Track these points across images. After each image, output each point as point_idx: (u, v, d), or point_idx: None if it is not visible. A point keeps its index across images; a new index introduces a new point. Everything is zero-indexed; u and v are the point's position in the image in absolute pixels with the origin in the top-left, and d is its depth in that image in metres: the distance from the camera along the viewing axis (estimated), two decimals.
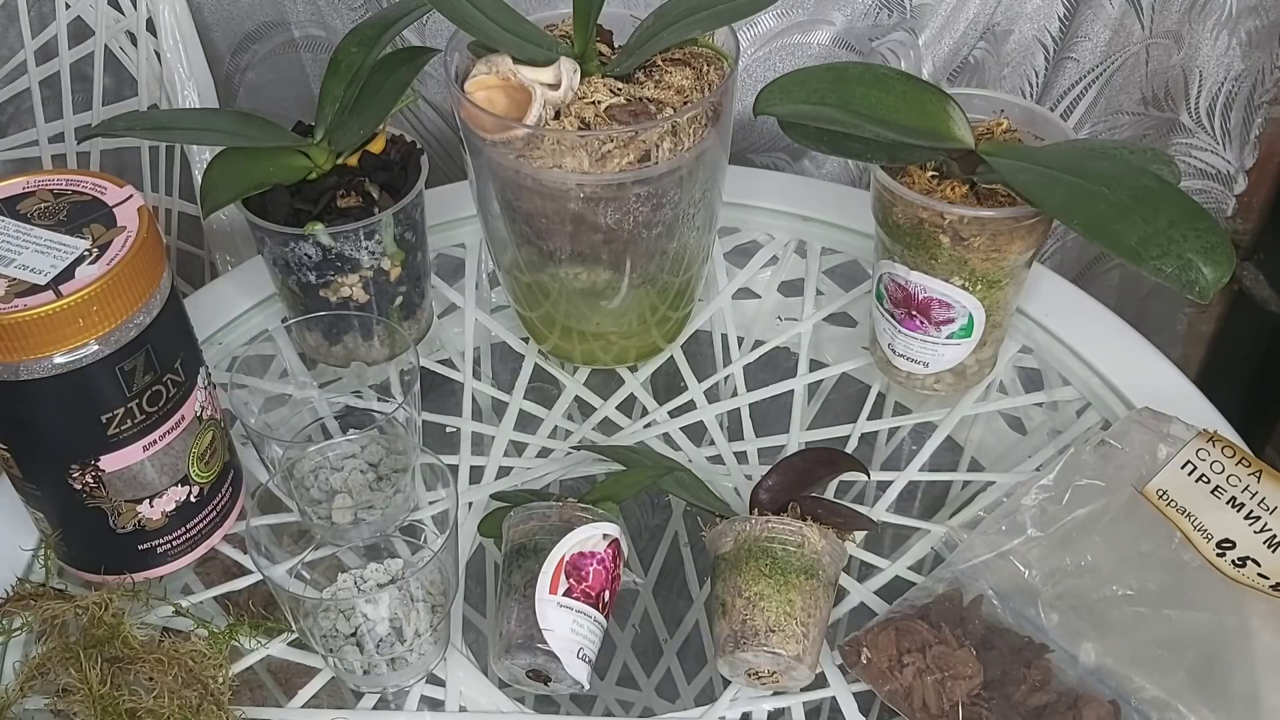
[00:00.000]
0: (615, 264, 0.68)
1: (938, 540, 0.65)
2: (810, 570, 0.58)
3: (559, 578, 0.57)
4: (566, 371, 0.77)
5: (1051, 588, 0.59)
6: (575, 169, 0.62)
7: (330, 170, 0.70)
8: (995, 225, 0.62)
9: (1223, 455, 0.62)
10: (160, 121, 0.77)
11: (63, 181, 0.58)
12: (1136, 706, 0.55)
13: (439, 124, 1.03)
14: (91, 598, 0.59)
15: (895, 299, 0.68)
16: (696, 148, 0.64)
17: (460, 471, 0.70)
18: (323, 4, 0.98)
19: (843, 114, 0.61)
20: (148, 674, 0.56)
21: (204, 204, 0.67)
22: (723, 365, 0.77)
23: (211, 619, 0.61)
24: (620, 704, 0.64)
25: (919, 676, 0.56)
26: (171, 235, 1.02)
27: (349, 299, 0.71)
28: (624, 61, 0.66)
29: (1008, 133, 0.67)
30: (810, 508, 0.60)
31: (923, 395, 0.73)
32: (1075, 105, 0.98)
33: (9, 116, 1.04)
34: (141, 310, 0.55)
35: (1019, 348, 0.76)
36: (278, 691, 0.61)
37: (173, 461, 0.60)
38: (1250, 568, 0.58)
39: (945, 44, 0.93)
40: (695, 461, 0.70)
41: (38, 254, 0.54)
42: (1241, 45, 0.95)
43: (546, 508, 0.60)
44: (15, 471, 0.58)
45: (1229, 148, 1.01)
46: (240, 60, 1.05)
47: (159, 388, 0.57)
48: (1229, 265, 0.55)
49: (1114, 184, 0.57)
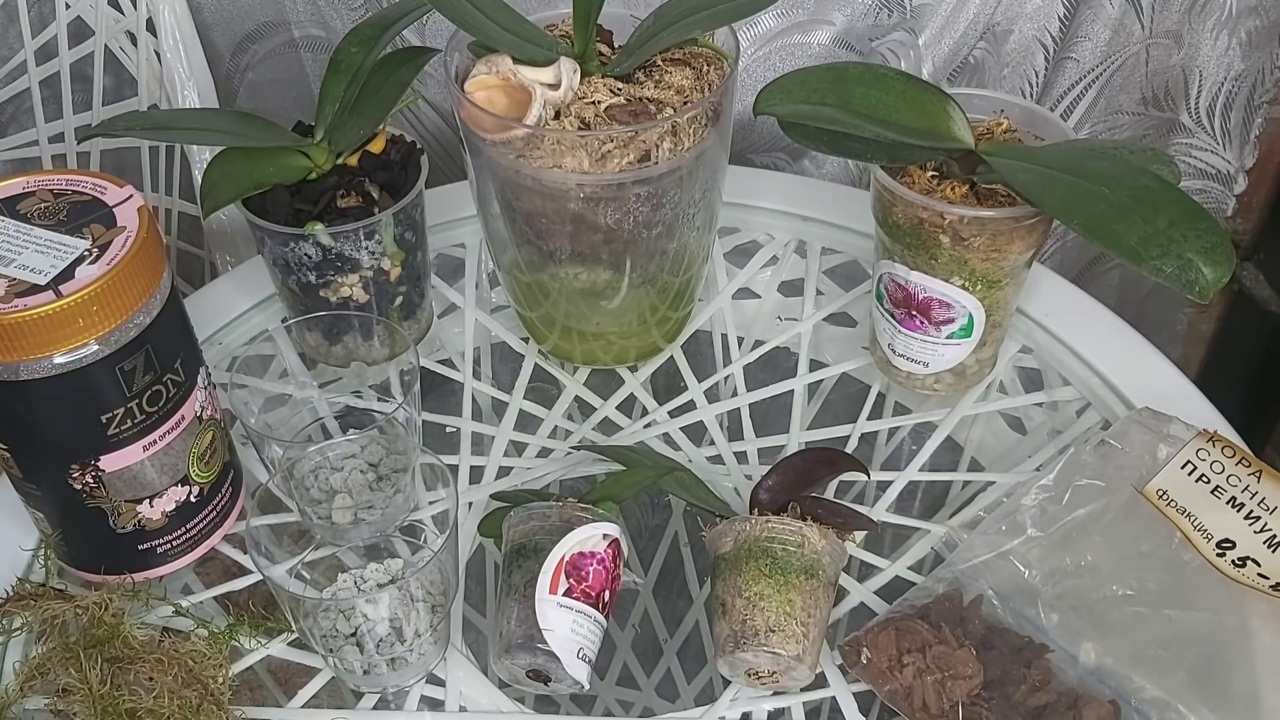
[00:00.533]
0: (615, 264, 0.68)
1: (938, 540, 0.65)
2: (810, 570, 0.58)
3: (559, 578, 0.57)
4: (566, 371, 0.77)
5: (1051, 588, 0.59)
6: (575, 169, 0.62)
7: (330, 170, 0.70)
8: (995, 225, 0.62)
9: (1223, 455, 0.62)
10: (160, 121, 0.77)
11: (63, 181, 0.58)
12: (1136, 706, 0.55)
13: (439, 124, 1.03)
14: (91, 598, 0.59)
15: (895, 299, 0.68)
16: (696, 148, 0.64)
17: (460, 471, 0.70)
18: (323, 4, 0.98)
19: (843, 114, 0.61)
20: (148, 674, 0.56)
21: (204, 204, 0.67)
22: (723, 365, 0.77)
23: (211, 619, 0.61)
24: (620, 704, 0.64)
25: (919, 676, 0.56)
26: (171, 235, 1.02)
27: (349, 299, 0.71)
28: (624, 61, 0.66)
29: (1008, 133, 0.67)
30: (810, 508, 0.61)
31: (923, 395, 0.73)
32: (1075, 105, 0.98)
33: (9, 116, 1.04)
34: (141, 310, 0.55)
35: (1019, 348, 0.76)
36: (278, 691, 0.61)
37: (173, 461, 0.60)
38: (1250, 568, 0.58)
39: (945, 44, 0.93)
40: (695, 461, 0.70)
41: (38, 254, 0.54)
42: (1241, 45, 0.95)
43: (546, 508, 0.60)
44: (15, 471, 0.58)
45: (1229, 148, 1.01)
46: (240, 60, 1.05)
47: (159, 388, 0.57)
48: (1229, 265, 0.55)
49: (1114, 184, 0.57)
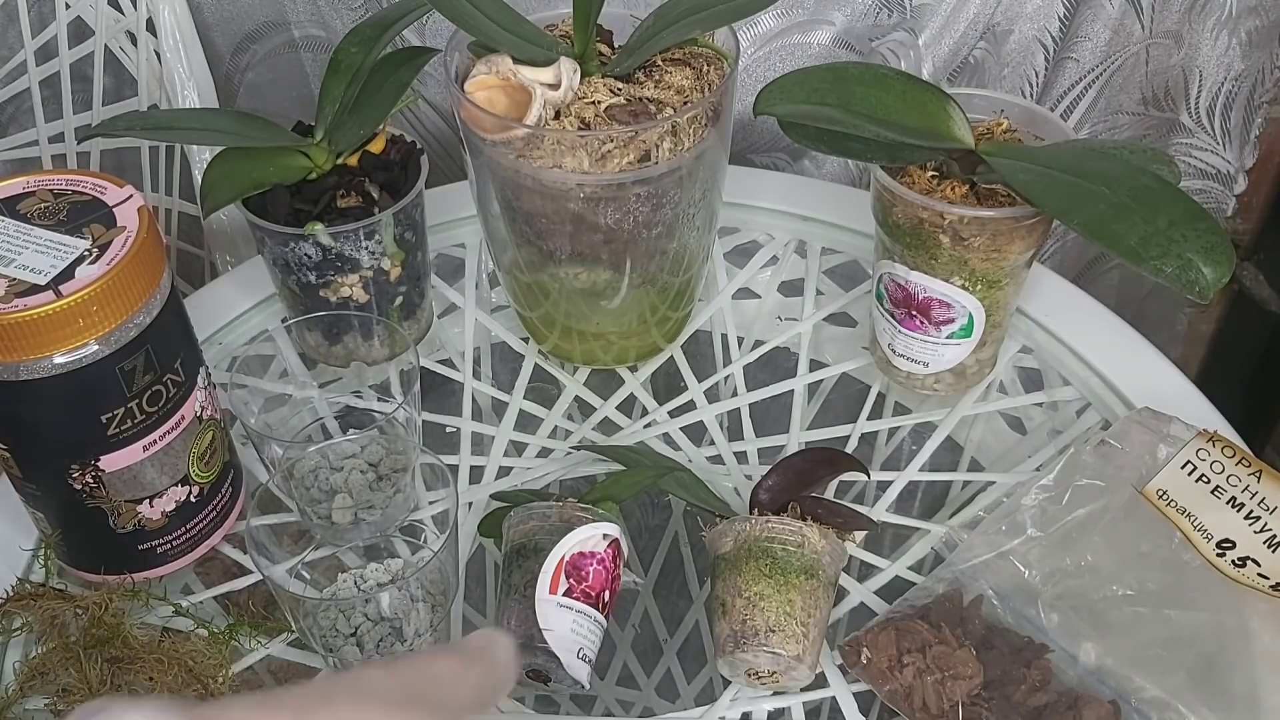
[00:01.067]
0: (615, 264, 0.68)
1: (938, 540, 0.65)
2: (810, 570, 0.58)
3: (559, 578, 0.57)
4: (566, 371, 0.77)
5: (1051, 588, 0.59)
6: (575, 169, 0.62)
7: (330, 170, 0.70)
8: (995, 225, 0.62)
9: (1223, 455, 0.62)
10: (160, 121, 0.77)
11: (63, 181, 0.58)
12: (1136, 706, 0.55)
13: (439, 124, 1.03)
14: (91, 598, 0.59)
15: (895, 299, 0.68)
16: (696, 148, 0.64)
17: (460, 471, 0.70)
18: (323, 4, 0.98)
19: (843, 114, 0.61)
20: (148, 674, 0.56)
21: (204, 204, 0.67)
22: (723, 365, 0.77)
23: (211, 619, 0.61)
24: (620, 704, 0.63)
25: (919, 676, 0.56)
26: (171, 235, 1.02)
27: (349, 299, 0.71)
28: (624, 61, 0.66)
29: (1008, 133, 0.67)
30: (810, 508, 0.61)
31: (923, 395, 0.73)
32: (1075, 105, 0.98)
33: (9, 116, 1.04)
34: (141, 310, 0.55)
35: (1019, 348, 0.76)
36: None
37: (173, 461, 0.60)
38: (1250, 568, 0.58)
39: (945, 44, 0.93)
40: (695, 461, 0.70)
41: (38, 254, 0.54)
42: (1241, 45, 0.95)
43: (546, 508, 0.60)
44: (15, 471, 0.58)
45: (1229, 148, 1.01)
46: (240, 60, 1.05)
47: (159, 388, 0.57)
48: (1229, 265, 0.55)
49: (1114, 184, 0.57)
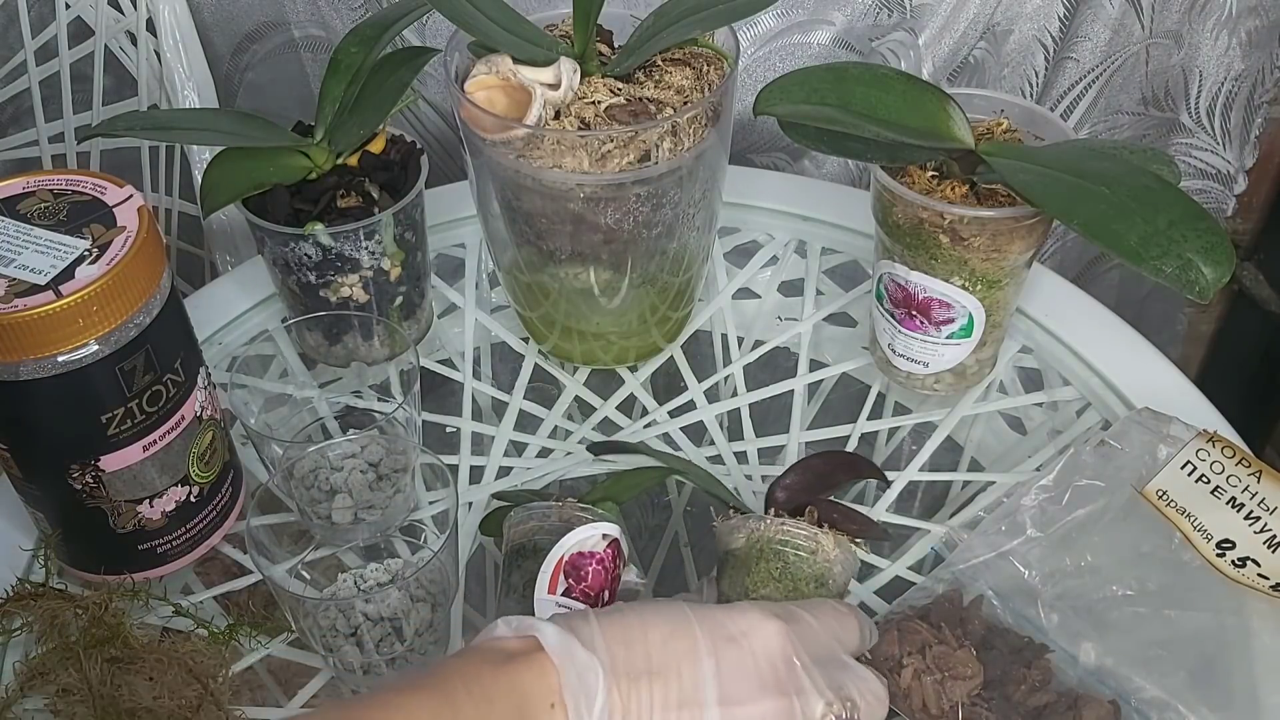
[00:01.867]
0: (615, 264, 0.68)
1: (938, 540, 0.65)
2: (820, 579, 0.57)
3: (557, 577, 0.57)
4: (566, 371, 0.77)
5: (1051, 588, 0.59)
6: (575, 169, 0.62)
7: (330, 170, 0.70)
8: (995, 225, 0.62)
9: (1223, 455, 0.62)
10: (160, 121, 0.77)
11: (63, 181, 0.58)
12: (1136, 706, 0.55)
13: (439, 124, 1.03)
14: (91, 598, 0.59)
15: (895, 299, 0.68)
16: (696, 148, 0.64)
17: (460, 471, 0.70)
18: (323, 4, 0.98)
19: (843, 114, 0.61)
20: (148, 674, 0.56)
21: (204, 204, 0.67)
22: (723, 365, 0.77)
23: (211, 619, 0.61)
24: None
25: (918, 677, 0.56)
26: (171, 235, 1.02)
27: (349, 299, 0.71)
28: (624, 61, 0.66)
29: (1008, 133, 0.67)
30: (826, 512, 0.60)
31: (923, 395, 0.73)
32: (1075, 105, 0.98)
33: (9, 116, 1.04)
34: (141, 310, 0.55)
35: (1019, 348, 0.76)
36: (278, 691, 0.61)
37: (173, 461, 0.60)
38: (1250, 568, 0.58)
39: (945, 44, 0.93)
40: (695, 462, 0.70)
41: (38, 254, 0.54)
42: (1241, 45, 0.95)
43: (546, 508, 0.60)
44: (15, 471, 0.58)
45: (1229, 148, 1.01)
46: (240, 60, 1.05)
47: (159, 388, 0.57)
48: (1229, 265, 0.55)
49: (1114, 184, 0.57)
